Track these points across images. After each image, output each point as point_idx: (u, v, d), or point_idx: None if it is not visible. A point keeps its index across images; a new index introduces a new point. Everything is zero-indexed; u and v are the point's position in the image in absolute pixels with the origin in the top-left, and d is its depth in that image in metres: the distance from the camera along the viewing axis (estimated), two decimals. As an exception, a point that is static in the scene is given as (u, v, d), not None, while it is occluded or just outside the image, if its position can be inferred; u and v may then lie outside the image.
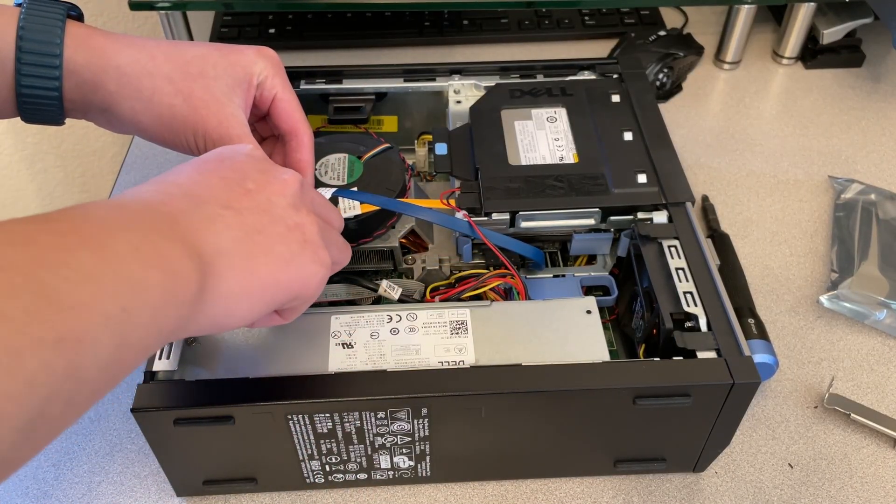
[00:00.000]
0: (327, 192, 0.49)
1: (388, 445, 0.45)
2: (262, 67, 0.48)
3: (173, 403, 0.41)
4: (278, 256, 0.37)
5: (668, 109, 0.78)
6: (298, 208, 0.40)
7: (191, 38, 0.82)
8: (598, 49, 0.85)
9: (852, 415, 0.52)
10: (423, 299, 0.52)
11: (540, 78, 0.64)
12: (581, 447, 0.48)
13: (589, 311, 0.47)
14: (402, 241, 0.53)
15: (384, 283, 0.50)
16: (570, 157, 0.55)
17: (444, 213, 0.52)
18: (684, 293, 0.47)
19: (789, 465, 0.51)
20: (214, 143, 0.45)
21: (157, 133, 0.46)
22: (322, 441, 0.44)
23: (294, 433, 0.43)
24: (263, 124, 0.52)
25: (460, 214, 0.52)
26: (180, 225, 0.34)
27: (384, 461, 0.47)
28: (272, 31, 0.85)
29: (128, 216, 0.33)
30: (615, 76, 0.63)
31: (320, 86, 0.63)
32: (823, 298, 0.60)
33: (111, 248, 0.30)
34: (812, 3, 0.79)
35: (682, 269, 0.48)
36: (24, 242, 0.28)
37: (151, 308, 0.31)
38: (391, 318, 0.46)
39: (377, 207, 0.52)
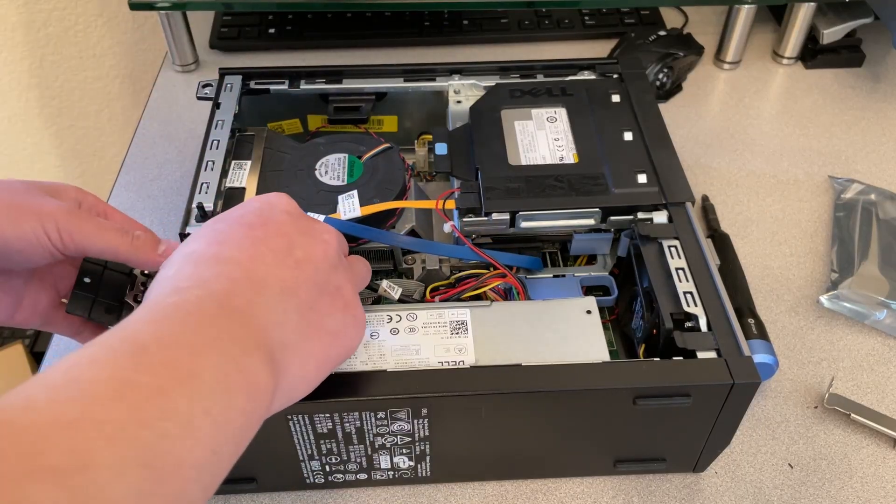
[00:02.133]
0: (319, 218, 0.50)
1: (388, 445, 0.45)
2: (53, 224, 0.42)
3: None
4: (329, 332, 0.39)
5: (668, 109, 0.78)
6: (337, 267, 0.40)
7: (191, 38, 0.82)
8: (598, 49, 0.85)
9: (852, 415, 0.52)
10: (423, 299, 0.52)
11: (540, 78, 0.64)
12: (581, 447, 0.48)
13: (589, 311, 0.47)
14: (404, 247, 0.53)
15: (384, 283, 0.50)
16: (570, 157, 0.55)
17: (440, 244, 0.53)
18: (684, 293, 0.47)
19: (789, 465, 0.51)
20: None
21: None
22: (322, 441, 0.44)
23: (294, 433, 0.43)
24: None
25: (448, 226, 0.52)
26: (252, 324, 0.34)
27: (384, 461, 0.47)
28: (272, 31, 0.85)
29: (209, 327, 0.33)
30: (615, 76, 0.63)
31: (320, 86, 0.63)
32: (823, 298, 0.60)
33: (201, 381, 0.30)
34: (812, 3, 0.79)
35: (682, 269, 0.48)
36: (123, 393, 0.28)
37: (237, 435, 0.32)
38: (391, 318, 0.46)
39: (377, 209, 0.52)
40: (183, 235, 0.51)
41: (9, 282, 0.45)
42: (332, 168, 0.57)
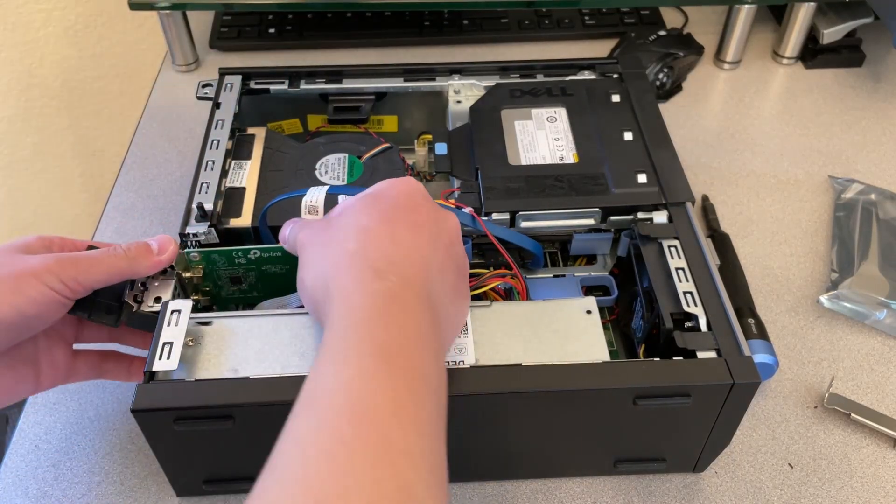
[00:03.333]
0: (322, 191, 0.49)
1: (388, 445, 0.45)
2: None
3: (173, 403, 0.41)
4: (459, 312, 0.42)
5: (668, 109, 0.78)
6: (461, 243, 0.43)
7: (191, 38, 0.82)
8: (598, 49, 0.85)
9: (852, 415, 0.52)
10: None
11: (540, 78, 0.64)
12: (581, 447, 0.48)
13: (589, 311, 0.47)
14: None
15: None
16: (570, 157, 0.55)
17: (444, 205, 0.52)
18: (684, 293, 0.47)
19: (789, 465, 0.51)
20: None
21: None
22: (322, 441, 0.44)
23: (294, 433, 0.43)
24: None
25: (467, 210, 0.52)
26: (434, 311, 0.37)
27: (384, 461, 0.47)
28: (272, 30, 0.85)
29: (422, 324, 0.36)
30: (615, 76, 0.63)
31: (320, 86, 0.63)
32: (823, 298, 0.60)
33: (428, 384, 0.35)
34: (812, 3, 0.79)
35: (682, 269, 0.48)
36: (399, 415, 0.32)
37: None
38: (391, 318, 0.46)
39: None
40: (183, 235, 0.51)
41: (22, 353, 0.46)
42: (332, 168, 0.57)
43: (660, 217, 0.52)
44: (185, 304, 0.44)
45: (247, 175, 0.56)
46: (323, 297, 0.38)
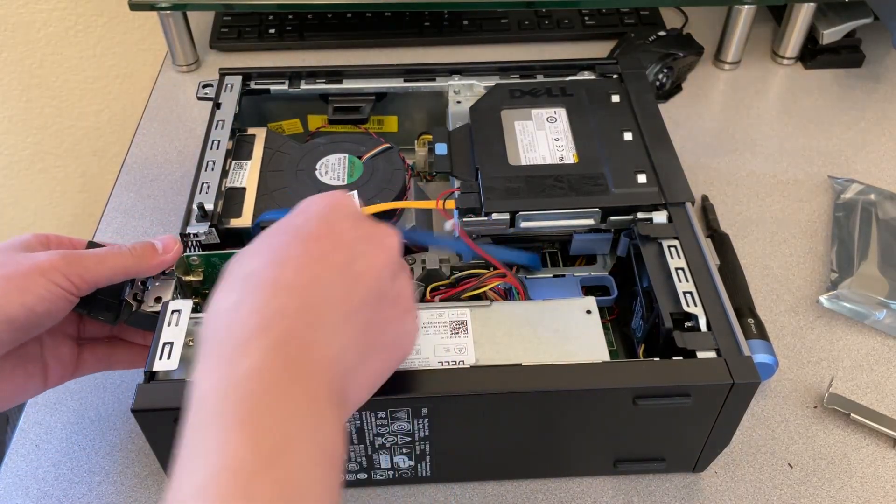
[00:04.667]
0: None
1: (388, 445, 0.45)
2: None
3: (174, 403, 0.41)
4: (385, 345, 0.38)
5: (668, 109, 0.78)
6: (398, 274, 0.38)
7: (191, 38, 0.82)
8: (598, 49, 0.85)
9: (852, 415, 0.52)
10: (423, 299, 0.52)
11: (540, 78, 0.64)
12: (581, 447, 0.48)
13: (589, 311, 0.47)
14: (403, 241, 0.53)
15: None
16: (570, 157, 0.55)
17: (443, 237, 0.53)
18: (684, 293, 0.47)
19: (789, 464, 0.51)
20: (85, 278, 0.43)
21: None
22: (322, 441, 0.44)
23: (294, 433, 0.43)
24: None
25: (449, 224, 0.52)
26: (318, 368, 0.33)
27: (384, 461, 0.47)
28: (272, 31, 0.85)
29: (290, 401, 0.31)
30: (615, 76, 0.63)
31: (320, 86, 0.63)
32: (823, 298, 0.60)
33: (298, 466, 0.30)
34: (812, 4, 0.79)
35: (682, 269, 0.48)
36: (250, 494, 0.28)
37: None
38: (391, 318, 0.46)
39: (378, 209, 0.52)
40: (184, 235, 0.51)
41: (28, 351, 0.45)
42: (332, 168, 0.57)
43: (659, 217, 0.52)
44: (186, 304, 0.44)
45: (247, 175, 0.56)
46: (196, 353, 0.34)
